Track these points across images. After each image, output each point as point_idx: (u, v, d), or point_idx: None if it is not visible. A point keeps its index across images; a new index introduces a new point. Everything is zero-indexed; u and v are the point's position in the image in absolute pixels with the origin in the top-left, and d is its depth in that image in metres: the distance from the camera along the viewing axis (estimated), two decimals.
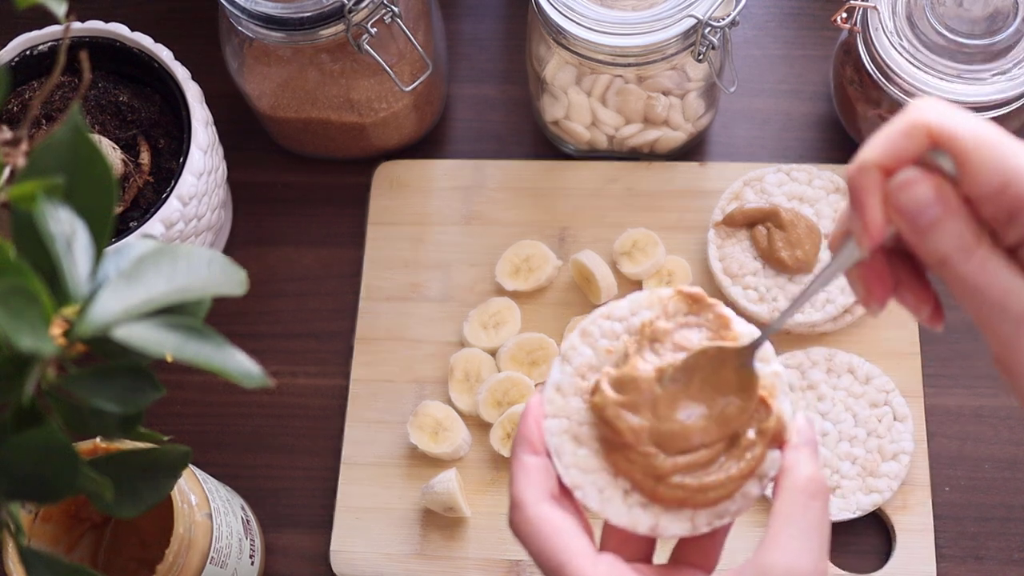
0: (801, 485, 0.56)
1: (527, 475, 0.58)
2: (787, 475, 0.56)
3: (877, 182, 0.50)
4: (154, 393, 0.53)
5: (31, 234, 0.53)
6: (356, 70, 0.91)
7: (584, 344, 0.60)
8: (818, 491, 0.55)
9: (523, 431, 0.59)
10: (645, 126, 0.95)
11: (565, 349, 0.60)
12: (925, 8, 0.86)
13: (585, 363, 0.60)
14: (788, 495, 0.55)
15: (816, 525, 0.55)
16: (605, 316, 0.60)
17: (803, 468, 0.56)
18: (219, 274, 0.57)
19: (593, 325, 0.60)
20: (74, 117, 0.55)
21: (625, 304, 0.61)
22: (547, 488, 0.58)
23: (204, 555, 0.76)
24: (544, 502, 0.57)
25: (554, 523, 0.56)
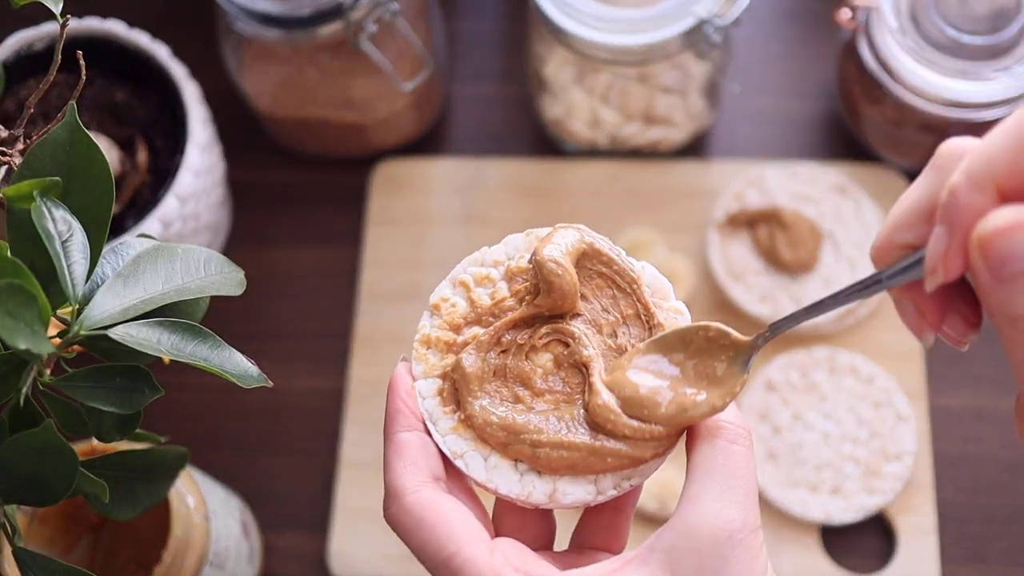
0: (718, 429, 0.49)
1: (402, 456, 0.51)
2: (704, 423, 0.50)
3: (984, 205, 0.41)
4: (152, 394, 0.53)
5: (28, 233, 0.53)
6: (355, 69, 0.90)
7: (456, 294, 0.55)
8: (737, 433, 0.49)
9: (392, 404, 0.52)
10: (646, 125, 0.95)
11: (434, 299, 0.54)
12: (928, 6, 0.86)
13: (459, 314, 0.54)
14: (704, 443, 0.49)
15: (740, 472, 0.48)
16: (478, 263, 0.55)
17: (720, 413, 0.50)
18: (217, 274, 0.56)
19: (465, 273, 0.55)
20: (71, 116, 0.54)
21: (500, 248, 0.55)
22: (428, 469, 0.51)
23: (202, 557, 0.76)
24: (425, 487, 0.50)
25: (438, 509, 0.49)
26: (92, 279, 0.54)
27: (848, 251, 0.92)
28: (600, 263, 0.54)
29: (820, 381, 0.89)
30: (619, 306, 0.54)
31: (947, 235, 0.42)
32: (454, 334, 0.54)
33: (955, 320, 0.46)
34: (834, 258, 0.92)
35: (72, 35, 0.89)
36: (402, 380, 0.53)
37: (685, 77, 0.91)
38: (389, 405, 0.52)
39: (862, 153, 0.97)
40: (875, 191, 0.95)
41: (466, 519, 0.49)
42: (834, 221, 0.93)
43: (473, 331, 0.54)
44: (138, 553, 0.83)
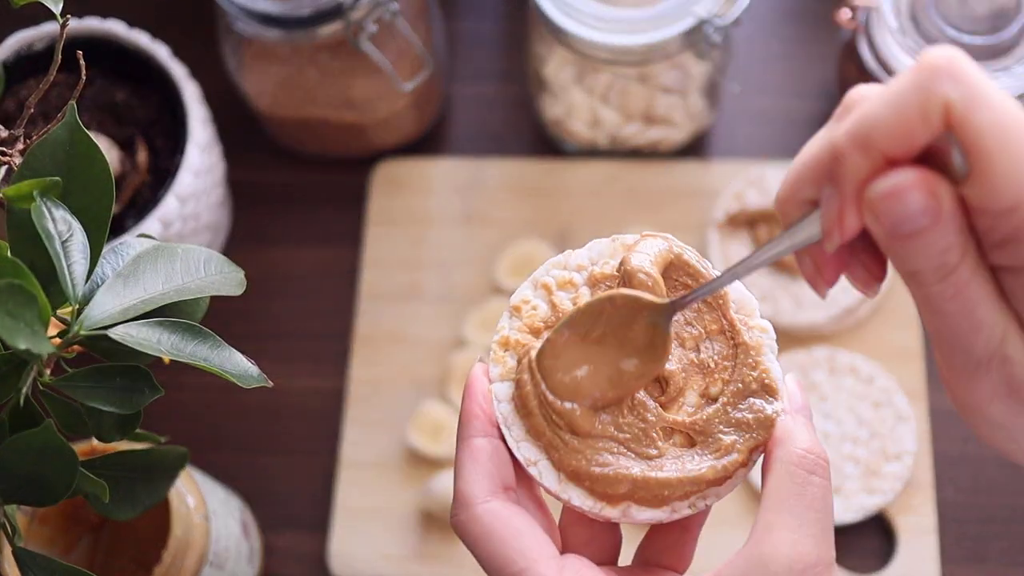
0: (797, 458, 0.48)
1: (475, 463, 0.50)
2: (780, 447, 0.49)
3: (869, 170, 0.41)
4: (152, 394, 0.53)
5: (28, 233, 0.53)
6: (355, 69, 0.90)
7: (537, 296, 0.53)
8: (816, 464, 0.48)
9: (468, 408, 0.51)
10: (646, 125, 0.95)
11: (515, 301, 0.53)
12: (928, 6, 0.86)
13: (539, 318, 0.53)
14: (782, 470, 0.48)
15: (817, 504, 0.47)
16: (561, 265, 0.54)
17: (799, 438, 0.49)
18: (217, 274, 0.56)
19: (548, 275, 0.54)
20: (71, 116, 0.54)
21: (584, 252, 0.54)
22: (500, 478, 0.50)
23: (202, 557, 0.76)
24: (496, 497, 0.49)
25: (509, 522, 0.48)
26: (92, 279, 0.54)
27: None
28: (686, 275, 0.53)
29: (820, 381, 0.89)
30: (703, 320, 0.53)
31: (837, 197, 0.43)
32: (534, 337, 0.53)
33: (859, 271, 0.46)
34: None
35: (72, 35, 0.89)
36: (479, 383, 0.52)
37: (685, 77, 0.91)
38: (464, 407, 0.51)
39: None
40: None
41: (536, 534, 0.49)
42: None
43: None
44: (138, 553, 0.83)
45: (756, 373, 0.51)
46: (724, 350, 0.52)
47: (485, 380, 0.52)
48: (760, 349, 0.52)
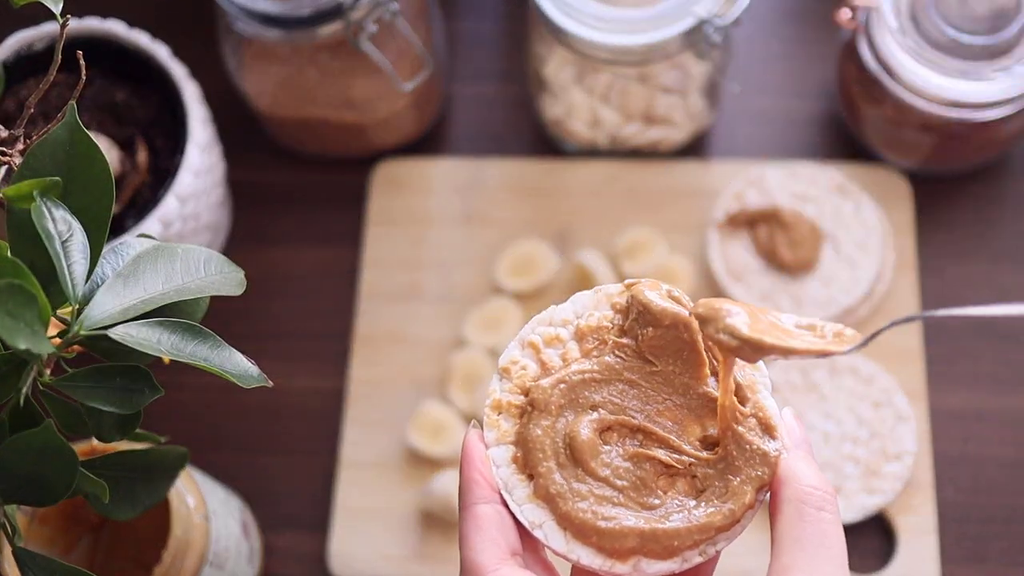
0: (805, 495, 0.48)
1: (480, 531, 0.49)
2: (787, 486, 0.49)
3: None
4: (152, 394, 0.53)
5: (28, 233, 0.53)
6: (355, 69, 0.90)
7: (525, 356, 0.53)
8: (824, 500, 0.48)
9: (467, 475, 0.50)
10: (646, 125, 0.95)
11: (504, 363, 0.53)
12: (928, 6, 0.86)
13: (530, 377, 0.53)
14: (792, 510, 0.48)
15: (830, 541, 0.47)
16: (547, 322, 0.54)
17: (803, 475, 0.49)
18: (217, 274, 0.56)
19: (534, 334, 0.53)
20: (71, 116, 0.54)
21: (568, 307, 0.54)
22: (507, 544, 0.49)
23: (202, 557, 0.76)
24: (505, 564, 0.49)
25: None
26: (92, 279, 0.54)
27: (848, 251, 0.92)
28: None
29: (820, 381, 0.89)
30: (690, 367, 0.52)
31: None
32: (525, 398, 0.52)
33: None
34: (834, 258, 0.92)
35: (72, 35, 0.89)
36: (475, 449, 0.51)
37: (685, 77, 0.91)
38: (463, 475, 0.51)
39: (862, 153, 0.97)
40: (875, 191, 0.95)
41: None
42: (834, 221, 0.93)
43: None
44: (138, 553, 0.83)
45: (754, 412, 0.51)
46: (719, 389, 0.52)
47: (482, 446, 0.52)
48: (754, 387, 0.52)
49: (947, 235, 0.95)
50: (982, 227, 0.95)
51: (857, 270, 0.91)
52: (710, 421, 0.52)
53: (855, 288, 0.91)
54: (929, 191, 0.96)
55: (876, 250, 0.92)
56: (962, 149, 0.92)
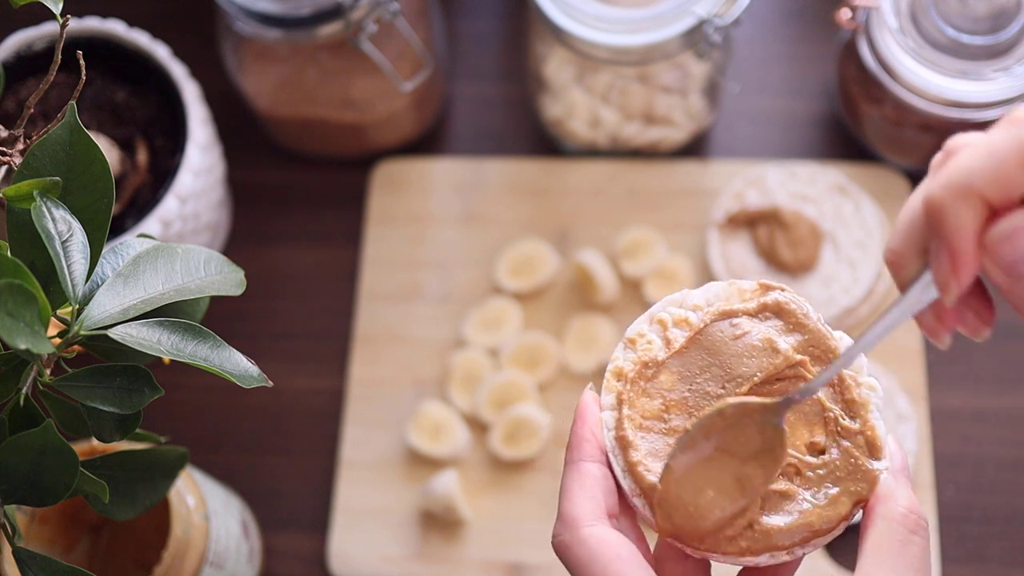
0: (900, 516, 0.49)
1: (584, 487, 0.50)
2: (883, 504, 0.49)
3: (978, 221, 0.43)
4: (152, 394, 0.53)
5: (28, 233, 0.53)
6: (355, 68, 0.90)
7: (652, 331, 0.54)
8: (918, 524, 0.49)
9: (578, 433, 0.52)
10: (646, 125, 0.95)
11: (631, 334, 0.54)
12: (928, 6, 0.86)
13: (652, 354, 0.54)
14: (884, 527, 0.49)
15: (917, 564, 0.48)
16: (677, 303, 0.55)
17: (901, 497, 0.49)
18: (217, 274, 0.56)
19: (664, 311, 0.55)
20: (71, 116, 0.54)
21: (700, 293, 0.55)
22: (606, 504, 0.51)
23: (202, 557, 0.76)
24: (601, 522, 0.50)
25: (614, 548, 0.49)
26: (92, 279, 0.54)
27: (848, 251, 0.92)
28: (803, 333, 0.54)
29: None
30: None
31: (945, 249, 0.44)
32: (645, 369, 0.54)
33: (970, 318, 0.47)
34: (834, 258, 0.92)
35: (72, 35, 0.89)
36: (590, 409, 0.52)
37: (685, 77, 0.91)
38: (575, 432, 0.52)
39: (862, 153, 0.97)
40: (875, 191, 0.95)
41: (639, 563, 0.49)
42: (834, 221, 0.93)
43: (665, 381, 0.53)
44: (138, 553, 0.83)
45: (862, 430, 0.52)
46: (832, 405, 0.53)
47: (596, 407, 0.53)
48: (867, 406, 0.53)
49: None
50: None
51: (857, 270, 0.91)
52: (819, 429, 0.53)
53: (855, 288, 0.91)
54: None
55: (876, 250, 0.92)
56: None
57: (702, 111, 0.95)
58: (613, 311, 0.94)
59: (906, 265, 0.47)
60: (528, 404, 0.90)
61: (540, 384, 0.92)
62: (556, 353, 0.92)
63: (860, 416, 0.52)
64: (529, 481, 0.90)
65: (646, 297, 0.93)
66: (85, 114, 0.88)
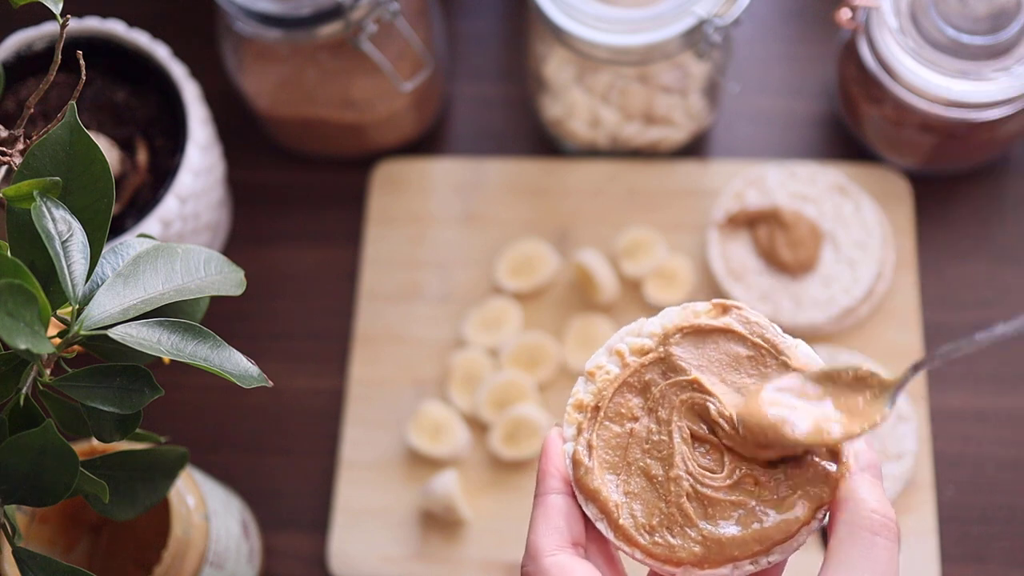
0: (862, 519, 0.48)
1: (547, 518, 0.52)
2: (846, 506, 0.49)
3: None
4: (152, 394, 0.53)
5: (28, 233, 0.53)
6: (355, 68, 0.90)
7: (611, 362, 0.56)
8: (882, 525, 0.48)
9: (544, 467, 0.54)
10: (646, 125, 0.95)
11: (590, 367, 0.56)
12: (928, 6, 0.86)
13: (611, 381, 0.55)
14: (846, 531, 0.48)
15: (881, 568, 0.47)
16: (635, 333, 0.56)
17: (865, 498, 0.49)
18: (217, 274, 0.56)
19: (621, 343, 0.56)
20: (71, 116, 0.54)
21: (656, 320, 0.56)
22: (570, 534, 0.52)
23: (202, 557, 0.76)
24: (563, 550, 0.51)
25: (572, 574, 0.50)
26: (92, 279, 0.54)
27: (848, 251, 0.92)
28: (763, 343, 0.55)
29: None
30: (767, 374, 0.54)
31: None
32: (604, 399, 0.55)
33: None
34: (834, 258, 0.92)
35: (72, 35, 0.89)
36: (554, 444, 0.54)
37: (685, 77, 0.91)
38: (540, 467, 0.54)
39: (862, 153, 0.97)
40: (875, 191, 0.95)
41: None
42: (834, 221, 0.93)
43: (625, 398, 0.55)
44: (138, 553, 0.83)
45: None
46: None
47: (559, 441, 0.55)
48: None
49: (947, 235, 0.95)
50: (982, 227, 0.95)
51: (857, 270, 0.91)
52: None
53: (855, 288, 0.91)
54: (929, 191, 0.96)
55: (876, 250, 0.92)
56: (962, 149, 0.92)
57: (702, 111, 0.95)
58: (613, 311, 0.94)
59: None
60: (528, 404, 0.90)
61: (540, 384, 0.92)
62: (556, 353, 0.92)
63: None
64: (529, 481, 0.90)
65: (646, 297, 0.93)
66: (85, 114, 0.88)
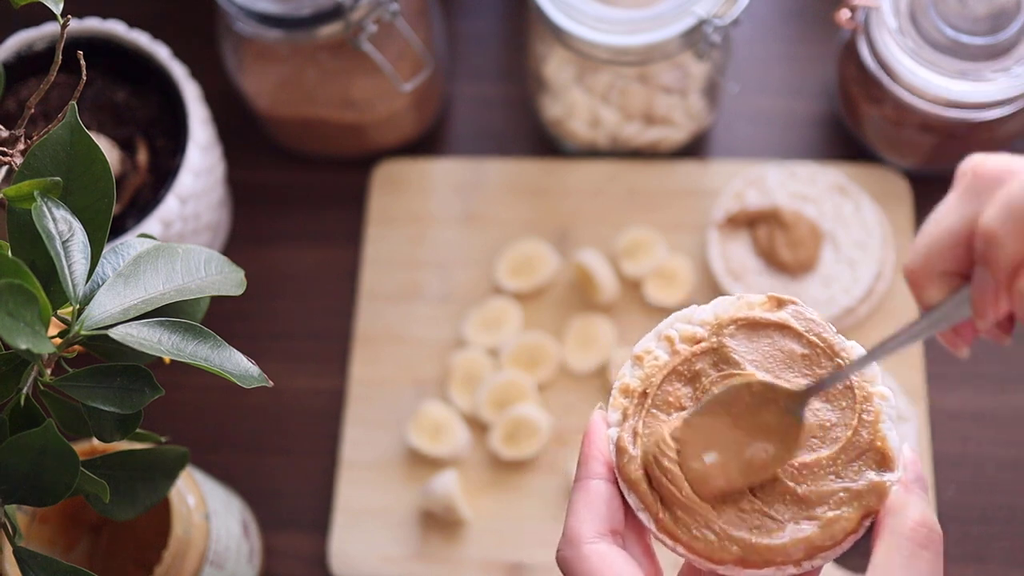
0: (908, 531, 0.48)
1: (588, 504, 0.51)
2: (893, 517, 0.49)
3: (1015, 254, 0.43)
4: (152, 393, 0.53)
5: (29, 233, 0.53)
6: (355, 69, 0.90)
7: (660, 348, 0.55)
8: (928, 539, 0.48)
9: (587, 451, 0.52)
10: (646, 125, 0.95)
11: (638, 351, 0.55)
12: (928, 6, 0.86)
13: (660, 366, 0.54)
14: (892, 541, 0.48)
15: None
16: (686, 319, 0.55)
17: (912, 510, 0.49)
18: (217, 274, 0.56)
19: (671, 328, 0.55)
20: (71, 116, 0.54)
21: (708, 308, 0.55)
22: (610, 521, 0.51)
23: (202, 557, 0.76)
24: (603, 539, 0.50)
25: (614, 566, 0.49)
26: (93, 279, 0.54)
27: (848, 251, 0.92)
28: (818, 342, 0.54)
29: None
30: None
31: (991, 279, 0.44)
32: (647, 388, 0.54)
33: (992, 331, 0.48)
34: (834, 258, 0.92)
35: (72, 35, 0.89)
36: (597, 428, 0.53)
37: (685, 77, 0.91)
38: (583, 450, 0.53)
39: (862, 153, 0.97)
40: (875, 191, 0.95)
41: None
42: (834, 221, 0.93)
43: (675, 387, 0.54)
44: (138, 553, 0.83)
45: (873, 440, 0.51)
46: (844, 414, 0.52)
47: (603, 425, 0.53)
48: (879, 416, 0.52)
49: None
50: None
51: (857, 270, 0.91)
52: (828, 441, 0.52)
53: (855, 288, 0.91)
54: (929, 191, 0.96)
55: (876, 250, 0.92)
56: (962, 149, 0.92)
57: (702, 111, 0.95)
58: (613, 311, 0.94)
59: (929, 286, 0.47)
60: (528, 404, 0.90)
61: (540, 384, 0.92)
62: (556, 353, 0.92)
63: (871, 426, 0.52)
64: (529, 481, 0.90)
65: (646, 297, 0.93)
66: (86, 114, 0.88)
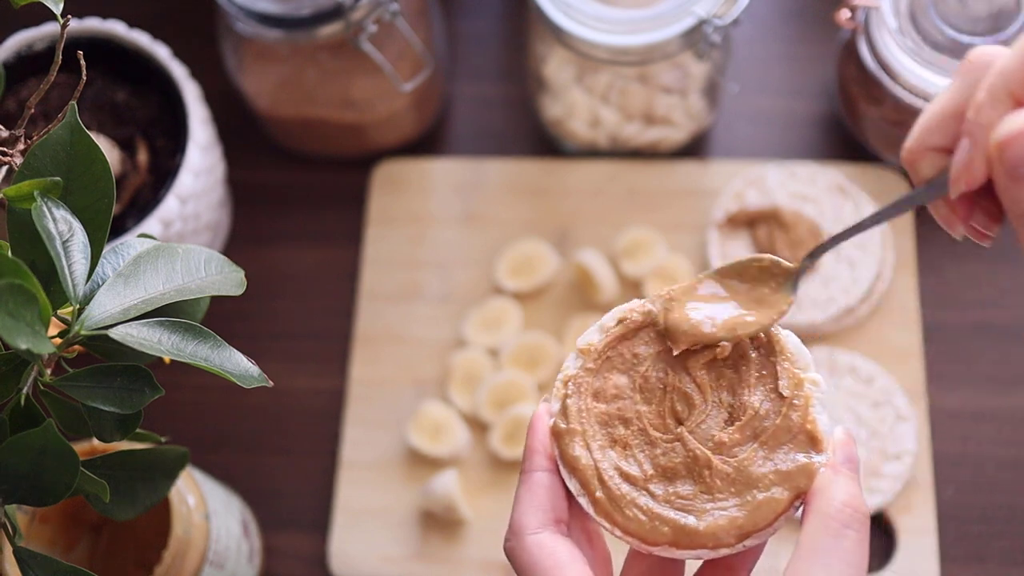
0: (834, 510, 0.49)
1: (531, 495, 0.53)
2: (819, 497, 0.50)
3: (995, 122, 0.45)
4: (152, 393, 0.53)
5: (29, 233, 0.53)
6: (355, 69, 0.90)
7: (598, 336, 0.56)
8: (853, 519, 0.49)
9: (530, 443, 0.54)
10: (646, 125, 0.95)
11: (582, 344, 0.56)
12: (928, 6, 0.86)
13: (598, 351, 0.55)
14: (818, 521, 0.49)
15: (850, 558, 0.48)
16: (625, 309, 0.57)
17: (838, 490, 0.49)
18: (217, 274, 0.56)
19: (611, 319, 0.56)
20: (71, 116, 0.54)
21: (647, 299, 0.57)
22: (554, 511, 0.53)
23: (202, 556, 0.76)
24: (546, 528, 0.52)
25: (552, 553, 0.51)
26: (93, 279, 0.54)
27: (848, 251, 0.92)
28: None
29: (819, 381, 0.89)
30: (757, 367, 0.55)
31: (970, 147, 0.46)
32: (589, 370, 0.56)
33: (979, 215, 0.49)
34: (834, 258, 0.92)
35: (72, 35, 0.89)
36: (540, 421, 0.55)
37: (685, 77, 0.91)
38: (527, 443, 0.54)
39: (862, 153, 0.98)
40: (875, 191, 0.95)
41: (576, 567, 0.51)
42: (834, 221, 0.93)
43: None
44: (138, 553, 0.83)
45: (803, 424, 0.52)
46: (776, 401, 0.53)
47: (546, 418, 0.55)
48: (809, 400, 0.53)
49: (946, 235, 0.95)
50: None
51: (857, 270, 0.91)
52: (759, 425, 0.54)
53: (855, 288, 0.91)
54: None
55: (876, 250, 0.92)
56: None
57: (702, 111, 0.95)
58: None
59: (921, 161, 0.49)
60: (528, 404, 0.90)
61: (540, 384, 0.92)
62: (556, 353, 0.92)
63: (802, 410, 0.53)
64: None
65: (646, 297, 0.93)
66: (86, 114, 0.88)
